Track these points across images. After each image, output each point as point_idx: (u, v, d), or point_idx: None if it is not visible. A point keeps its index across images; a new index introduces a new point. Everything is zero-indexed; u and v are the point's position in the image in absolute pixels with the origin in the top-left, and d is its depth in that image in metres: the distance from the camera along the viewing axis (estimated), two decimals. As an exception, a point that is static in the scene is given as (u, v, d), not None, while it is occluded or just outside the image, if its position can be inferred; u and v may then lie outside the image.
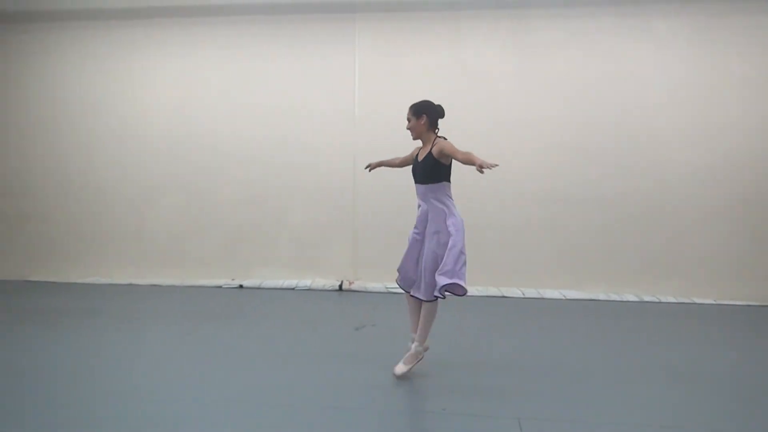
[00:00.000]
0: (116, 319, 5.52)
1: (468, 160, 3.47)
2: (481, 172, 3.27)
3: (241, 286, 7.10)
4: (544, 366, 4.20)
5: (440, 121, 4.09)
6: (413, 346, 3.94)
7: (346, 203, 7.14)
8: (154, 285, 7.22)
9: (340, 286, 6.98)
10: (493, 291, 6.82)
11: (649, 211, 6.77)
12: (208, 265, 7.32)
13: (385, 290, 6.86)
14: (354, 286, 6.97)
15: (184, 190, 7.41)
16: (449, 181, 3.87)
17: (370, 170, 4.45)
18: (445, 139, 3.93)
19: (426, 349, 3.98)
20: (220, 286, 7.11)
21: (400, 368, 3.88)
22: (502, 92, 6.92)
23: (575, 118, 6.84)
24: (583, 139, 6.83)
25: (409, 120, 4.03)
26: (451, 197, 3.87)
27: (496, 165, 3.19)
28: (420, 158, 3.96)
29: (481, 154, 3.43)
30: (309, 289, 6.98)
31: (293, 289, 6.99)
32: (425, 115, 3.99)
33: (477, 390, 3.68)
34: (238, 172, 7.31)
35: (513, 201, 6.93)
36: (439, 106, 4.04)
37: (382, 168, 4.80)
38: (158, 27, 7.38)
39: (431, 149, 3.88)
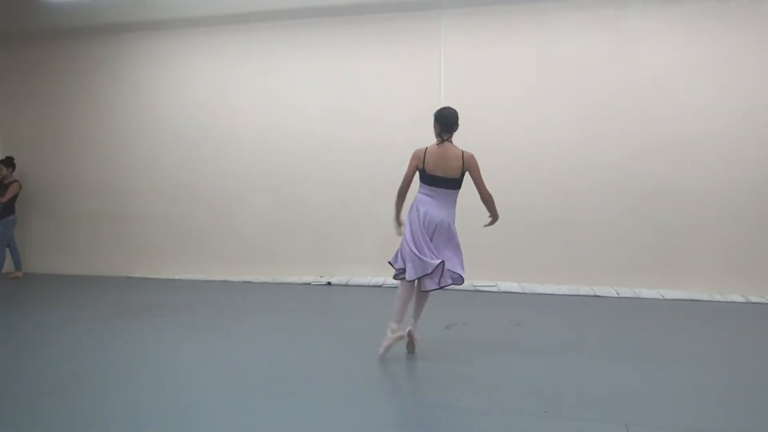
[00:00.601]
0: (211, 313, 5.71)
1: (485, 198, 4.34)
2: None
3: (329, 283, 7.19)
4: (650, 371, 4.00)
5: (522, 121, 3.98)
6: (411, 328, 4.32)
7: (431, 200, 7.09)
8: (246, 282, 7.45)
9: (427, 283, 6.94)
10: (585, 290, 6.59)
11: (760, 205, 6.34)
12: (297, 262, 7.47)
13: (473, 288, 6.76)
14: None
15: (274, 191, 7.59)
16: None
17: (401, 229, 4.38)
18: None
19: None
20: (309, 283, 7.23)
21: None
22: (593, 83, 6.67)
23: (672, 109, 6.49)
24: (682, 131, 6.48)
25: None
26: None
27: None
28: (452, 165, 4.19)
29: (573, 147, 3.30)
30: (396, 287, 6.96)
31: (380, 286, 7.02)
32: (437, 123, 4.26)
33: (581, 394, 3.55)
34: (325, 171, 7.42)
35: (606, 195, 6.66)
36: (443, 115, 4.25)
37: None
38: (245, 32, 7.59)
39: (463, 159, 4.18)
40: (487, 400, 3.45)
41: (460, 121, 4.30)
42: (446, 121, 4.23)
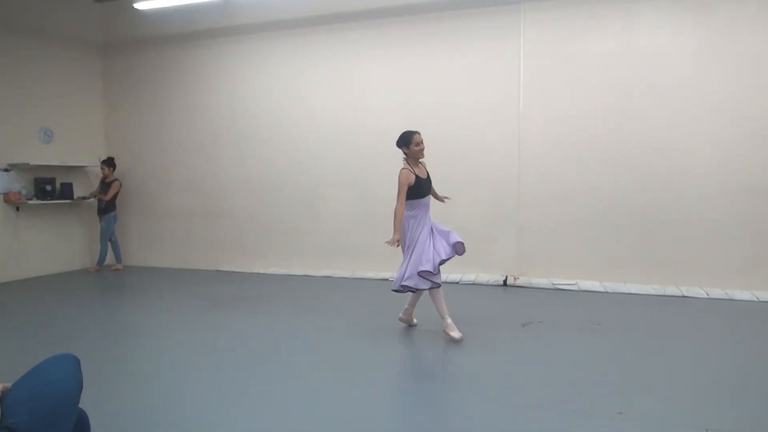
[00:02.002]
0: (292, 306, 5.91)
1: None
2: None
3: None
4: (735, 376, 3.81)
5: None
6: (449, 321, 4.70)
7: (510, 196, 7.03)
8: (326, 276, 7.65)
9: (505, 281, 6.89)
10: (672, 290, 6.31)
11: None
12: (376, 258, 7.58)
13: (552, 286, 6.65)
14: (519, 282, 6.84)
15: (352, 188, 7.75)
16: None
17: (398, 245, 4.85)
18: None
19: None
20: (387, 279, 7.33)
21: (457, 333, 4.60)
22: (683, 76, 6.36)
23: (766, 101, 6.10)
24: (781, 123, 6.08)
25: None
26: None
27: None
28: (424, 176, 4.87)
29: (661, 143, 3.19)
30: (473, 284, 6.97)
31: (457, 283, 7.03)
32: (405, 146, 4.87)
33: (658, 395, 3.44)
34: (401, 166, 7.46)
35: (697, 193, 6.34)
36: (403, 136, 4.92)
37: (547, 157, 4.77)
38: (326, 33, 7.77)
39: (426, 169, 4.93)
40: (561, 399, 3.41)
41: (540, 119, 4.36)
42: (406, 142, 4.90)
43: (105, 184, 8.53)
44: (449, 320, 4.68)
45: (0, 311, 6.07)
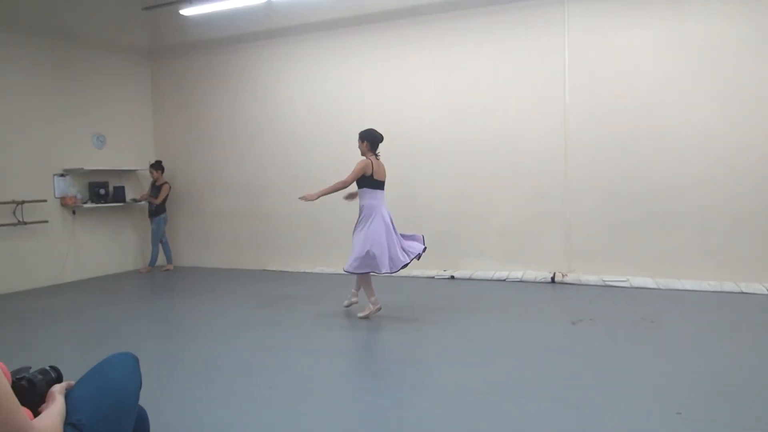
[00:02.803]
0: (337, 305, 5.91)
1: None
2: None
3: (452, 277, 7.22)
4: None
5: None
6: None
7: (557, 192, 6.90)
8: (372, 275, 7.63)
9: (553, 278, 6.78)
10: (729, 286, 6.08)
11: None
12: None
13: (602, 283, 6.50)
14: (567, 279, 6.72)
15: (396, 186, 7.58)
16: None
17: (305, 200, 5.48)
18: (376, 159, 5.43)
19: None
20: (432, 277, 7.31)
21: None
22: (734, 66, 6.11)
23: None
24: None
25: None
26: None
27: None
28: (382, 173, 5.36)
29: (713, 136, 3.08)
30: (520, 281, 6.88)
31: (504, 280, 6.95)
32: (365, 140, 5.43)
33: (717, 396, 3.32)
34: (446, 165, 7.45)
35: (756, 185, 6.09)
36: (379, 135, 5.46)
37: (600, 150, 4.69)
38: (364, 32, 7.79)
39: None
40: (616, 398, 3.33)
41: (586, 114, 4.28)
42: (377, 141, 5.47)
43: (155, 187, 8.75)
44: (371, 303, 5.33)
45: (60, 311, 6.29)
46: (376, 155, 5.47)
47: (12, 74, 7.37)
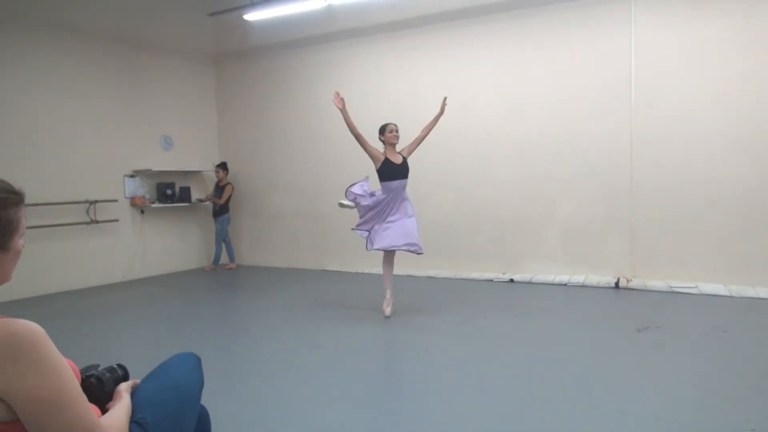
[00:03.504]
0: (397, 307, 5.86)
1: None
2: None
3: (511, 280, 7.10)
4: None
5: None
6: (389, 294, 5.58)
7: (622, 193, 6.67)
8: (430, 277, 7.63)
9: (617, 283, 6.55)
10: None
11: None
12: (479, 258, 7.47)
13: (669, 289, 6.24)
14: (632, 284, 6.48)
15: (454, 189, 7.67)
16: None
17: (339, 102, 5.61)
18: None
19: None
20: (491, 280, 7.20)
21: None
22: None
23: None
24: None
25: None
26: None
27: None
28: (399, 162, 5.64)
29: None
30: (582, 286, 6.69)
31: (565, 284, 6.77)
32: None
33: (797, 412, 3.13)
34: (505, 166, 7.32)
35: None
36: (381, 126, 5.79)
37: (662, 150, 4.52)
38: (425, 33, 7.75)
39: (403, 155, 5.77)
40: (686, 412, 3.17)
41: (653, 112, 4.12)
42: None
43: (219, 188, 8.97)
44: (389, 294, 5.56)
45: (128, 307, 6.53)
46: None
47: (84, 79, 7.67)
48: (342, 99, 5.51)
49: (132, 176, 8.28)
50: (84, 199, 7.59)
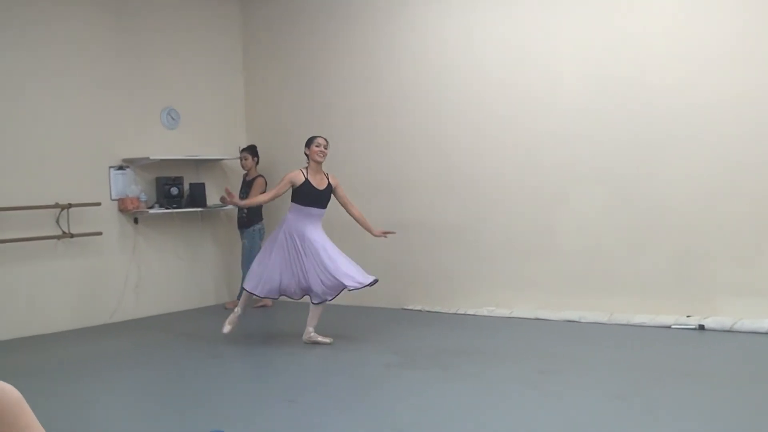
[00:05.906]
0: (522, 364, 5.67)
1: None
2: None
3: (701, 327, 6.69)
4: None
5: None
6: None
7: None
8: (569, 321, 7.31)
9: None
10: None
11: None
12: (649, 294, 7.09)
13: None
14: None
15: (605, 183, 7.32)
16: None
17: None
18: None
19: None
20: (669, 326, 6.80)
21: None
22: None
23: None
24: None
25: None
26: None
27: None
28: (322, 187, 6.60)
29: None
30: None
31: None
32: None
33: None
34: (690, 157, 6.90)
35: None
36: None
37: None
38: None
39: (329, 180, 6.70)
40: None
41: None
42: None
43: (246, 183, 8.67)
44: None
45: (114, 365, 6.43)
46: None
47: (46, 26, 7.56)
48: (232, 194, 6.76)
49: (121, 168, 8.16)
50: (52, 203, 7.52)
